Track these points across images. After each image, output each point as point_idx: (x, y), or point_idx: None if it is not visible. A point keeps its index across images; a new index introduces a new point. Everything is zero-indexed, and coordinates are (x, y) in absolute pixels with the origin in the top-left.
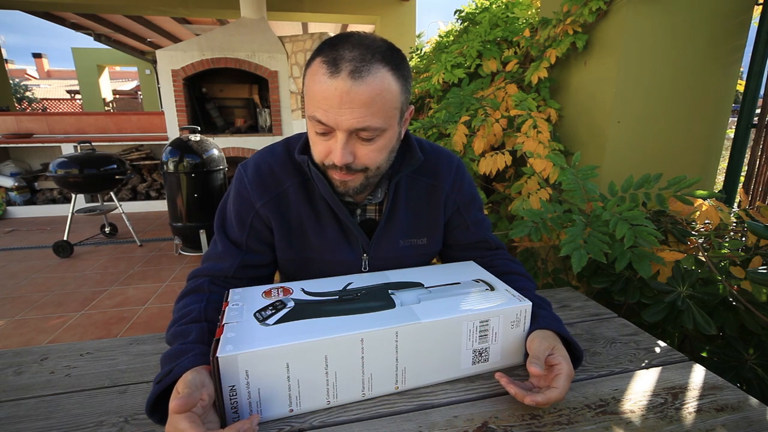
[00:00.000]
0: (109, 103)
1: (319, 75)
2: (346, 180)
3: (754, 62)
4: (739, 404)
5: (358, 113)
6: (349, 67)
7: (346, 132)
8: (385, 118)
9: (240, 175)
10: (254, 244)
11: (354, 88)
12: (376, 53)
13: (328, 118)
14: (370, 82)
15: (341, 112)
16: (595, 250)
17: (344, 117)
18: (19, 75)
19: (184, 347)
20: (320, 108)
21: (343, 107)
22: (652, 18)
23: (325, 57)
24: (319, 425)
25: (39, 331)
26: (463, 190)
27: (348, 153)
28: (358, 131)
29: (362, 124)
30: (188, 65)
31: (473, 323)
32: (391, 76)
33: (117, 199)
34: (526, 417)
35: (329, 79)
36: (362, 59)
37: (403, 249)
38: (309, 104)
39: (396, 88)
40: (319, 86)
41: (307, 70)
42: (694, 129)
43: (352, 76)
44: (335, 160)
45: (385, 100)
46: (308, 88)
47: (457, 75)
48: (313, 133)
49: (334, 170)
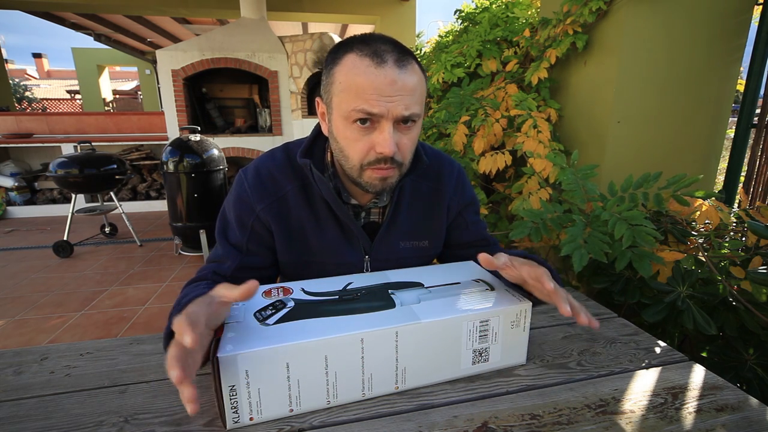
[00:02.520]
0: (109, 103)
1: (363, 67)
2: (386, 176)
3: (754, 62)
4: (739, 404)
5: (408, 100)
6: (394, 57)
7: (392, 121)
8: (422, 107)
9: (240, 179)
10: (255, 247)
11: (402, 76)
12: (406, 49)
13: (379, 108)
14: (411, 71)
15: (393, 98)
16: (595, 250)
17: (395, 104)
18: (19, 75)
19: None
20: (369, 99)
21: (395, 94)
22: (652, 18)
23: (363, 51)
24: (319, 425)
25: (39, 331)
26: (465, 194)
27: (394, 142)
28: (403, 119)
29: (411, 110)
30: (188, 65)
31: (473, 323)
32: (420, 70)
33: (117, 199)
34: (526, 417)
35: (376, 69)
36: (401, 51)
37: (405, 251)
38: (349, 98)
39: (424, 81)
40: (365, 77)
41: (338, 68)
42: (694, 129)
43: (399, 65)
44: (385, 150)
45: (422, 90)
46: (348, 82)
47: (457, 75)
48: (355, 129)
49: (377, 166)
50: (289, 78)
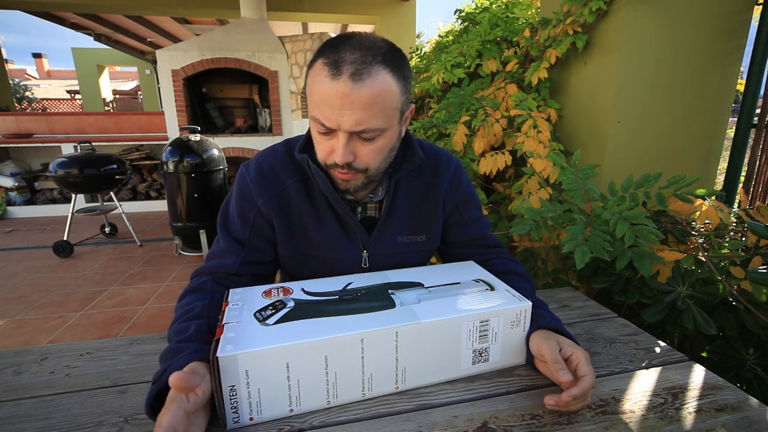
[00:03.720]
0: (109, 103)
1: (321, 77)
2: (347, 179)
3: (754, 62)
4: (739, 404)
5: (359, 115)
6: (350, 70)
7: (347, 132)
8: (385, 119)
9: (242, 174)
10: (256, 241)
11: (354, 91)
12: (377, 55)
13: (329, 120)
14: (370, 84)
15: (342, 113)
16: (597, 248)
17: (345, 118)
18: (19, 75)
19: (180, 345)
20: (322, 110)
21: (344, 109)
22: (652, 18)
23: (327, 59)
24: (319, 425)
25: (39, 331)
26: (461, 189)
27: (349, 152)
28: (358, 132)
29: (362, 126)
30: (188, 65)
31: (473, 323)
32: (392, 77)
33: (117, 199)
34: (526, 417)
35: (330, 81)
36: (363, 61)
37: (402, 245)
38: (311, 105)
39: (396, 89)
40: (321, 88)
41: (310, 71)
42: (694, 129)
43: (353, 79)
44: (337, 159)
45: (385, 102)
46: (310, 89)
47: (457, 75)
48: (316, 132)
49: (336, 169)
50: (289, 78)
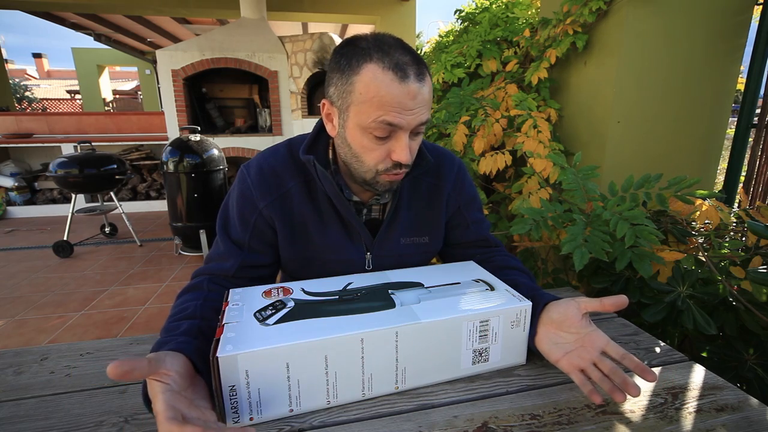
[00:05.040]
0: (109, 103)
1: (387, 81)
2: (399, 179)
3: (754, 62)
4: (739, 404)
5: (425, 110)
6: (413, 71)
7: (409, 131)
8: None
9: (243, 175)
10: (256, 245)
11: (422, 89)
12: (419, 57)
13: (400, 120)
14: (428, 82)
15: (414, 112)
16: (596, 249)
17: (414, 116)
18: (19, 75)
19: (168, 338)
20: (393, 111)
21: (416, 107)
22: (652, 18)
23: (385, 62)
24: (319, 425)
25: (39, 331)
26: (464, 190)
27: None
28: (416, 127)
29: (426, 117)
30: (188, 65)
31: (473, 323)
32: (429, 76)
33: (117, 199)
34: (526, 417)
35: (400, 84)
36: (417, 62)
37: (405, 247)
38: (373, 109)
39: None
40: (389, 91)
41: (358, 77)
42: (694, 129)
43: (419, 79)
44: (403, 158)
45: (431, 96)
46: (371, 94)
47: (457, 75)
48: (370, 140)
49: (393, 171)
50: (289, 78)
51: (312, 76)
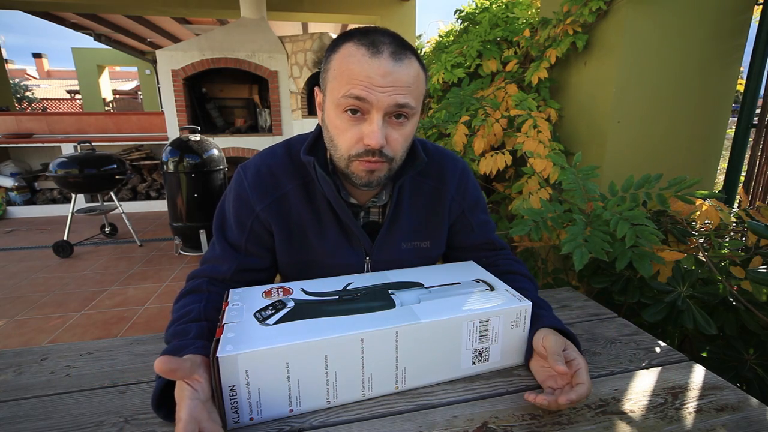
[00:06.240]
0: (109, 103)
1: (358, 56)
2: (374, 169)
3: (754, 62)
4: (739, 404)
5: (401, 90)
6: (390, 50)
7: (382, 112)
8: (418, 102)
9: (239, 177)
10: (253, 248)
11: (396, 69)
12: (406, 43)
13: (369, 95)
14: (408, 65)
15: (385, 89)
16: (596, 249)
17: (386, 94)
18: (19, 75)
19: (184, 342)
20: (360, 84)
21: (387, 85)
22: (652, 18)
23: (361, 41)
24: (319, 425)
25: (39, 331)
26: (468, 194)
27: (383, 135)
28: (394, 111)
29: (404, 100)
30: (188, 65)
31: (473, 323)
32: (419, 66)
33: (117, 199)
34: (526, 417)
35: (371, 58)
36: (400, 45)
37: (406, 252)
38: (343, 83)
39: (423, 78)
40: (359, 65)
41: (335, 55)
42: (694, 129)
43: (394, 58)
44: (372, 141)
45: (418, 86)
46: (342, 68)
47: (457, 75)
48: (345, 118)
49: (364, 158)
50: (289, 78)
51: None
